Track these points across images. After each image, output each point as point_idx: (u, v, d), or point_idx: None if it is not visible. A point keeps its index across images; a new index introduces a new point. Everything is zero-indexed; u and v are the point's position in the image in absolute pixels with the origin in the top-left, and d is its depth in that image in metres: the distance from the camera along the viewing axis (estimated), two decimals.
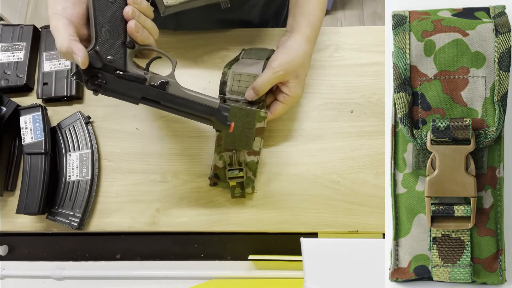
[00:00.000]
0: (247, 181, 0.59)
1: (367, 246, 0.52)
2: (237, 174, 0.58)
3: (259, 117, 0.58)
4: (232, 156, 0.59)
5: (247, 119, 0.57)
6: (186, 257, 0.66)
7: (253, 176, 0.60)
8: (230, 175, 0.58)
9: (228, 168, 0.58)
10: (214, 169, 0.59)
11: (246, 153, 0.60)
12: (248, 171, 0.60)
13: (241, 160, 0.59)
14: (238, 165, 0.58)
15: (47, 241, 0.67)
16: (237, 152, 0.59)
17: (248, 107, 0.57)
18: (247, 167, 0.60)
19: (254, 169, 0.60)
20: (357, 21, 1.83)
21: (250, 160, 0.60)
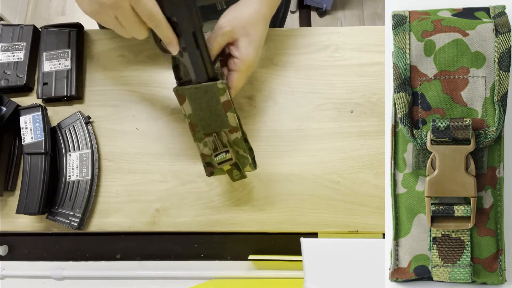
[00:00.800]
0: (242, 160, 0.56)
1: (367, 246, 0.52)
2: (224, 157, 0.54)
3: (219, 90, 0.52)
4: (214, 140, 0.55)
5: (208, 97, 0.52)
6: (186, 257, 0.66)
7: (245, 153, 0.56)
8: (218, 160, 0.54)
9: (214, 154, 0.55)
10: (203, 158, 0.56)
11: (228, 131, 0.55)
12: (239, 150, 0.55)
13: (224, 141, 0.54)
14: (223, 148, 0.54)
15: (47, 241, 0.67)
16: (218, 134, 0.54)
17: (203, 83, 0.52)
18: (235, 146, 0.55)
19: (242, 146, 0.56)
20: (357, 21, 1.83)
21: (234, 138, 0.55)
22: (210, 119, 0.53)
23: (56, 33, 0.66)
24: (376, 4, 1.84)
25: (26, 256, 0.67)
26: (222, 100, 0.52)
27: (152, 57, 0.66)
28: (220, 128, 0.54)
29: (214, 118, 0.53)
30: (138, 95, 0.65)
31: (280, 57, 0.66)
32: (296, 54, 0.66)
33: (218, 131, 0.54)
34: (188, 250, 0.66)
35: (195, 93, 0.52)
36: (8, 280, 0.66)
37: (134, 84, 0.66)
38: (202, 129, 0.54)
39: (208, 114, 0.53)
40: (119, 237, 0.66)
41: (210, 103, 0.52)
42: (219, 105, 0.52)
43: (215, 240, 0.66)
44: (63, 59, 0.65)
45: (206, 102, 0.52)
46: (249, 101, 0.64)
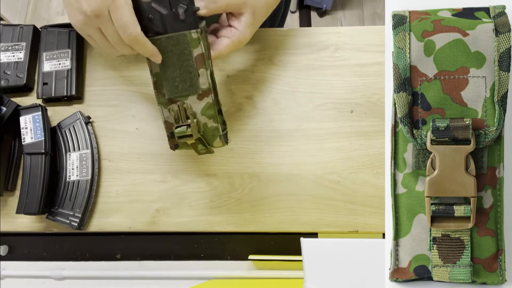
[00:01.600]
0: (211, 132, 0.50)
1: (367, 246, 0.52)
2: (184, 132, 0.48)
3: (193, 40, 0.46)
4: (179, 108, 0.48)
5: (180, 49, 0.46)
6: (186, 257, 0.66)
7: (215, 123, 0.49)
8: (178, 133, 0.48)
9: (175, 125, 0.48)
10: (167, 127, 0.50)
11: (197, 97, 0.48)
12: (208, 121, 0.49)
13: (188, 112, 0.48)
14: (185, 119, 0.48)
15: (47, 241, 0.67)
16: (182, 100, 0.48)
17: (175, 32, 0.46)
18: (205, 116, 0.49)
19: (214, 115, 0.49)
20: (357, 21, 1.83)
21: (204, 104, 0.48)
22: (179, 78, 0.47)
23: (56, 33, 0.66)
24: (376, 4, 1.84)
25: (26, 256, 0.67)
26: (195, 53, 0.47)
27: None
28: (187, 92, 0.48)
29: (183, 78, 0.47)
30: (138, 95, 0.65)
31: (280, 57, 0.66)
32: (296, 54, 0.66)
33: (184, 98, 0.48)
34: (188, 250, 0.66)
35: (166, 45, 0.46)
36: (8, 280, 0.66)
37: (134, 84, 0.66)
38: (168, 92, 0.48)
39: (177, 72, 0.47)
40: (119, 237, 0.66)
41: (181, 57, 0.47)
42: (191, 60, 0.47)
43: (215, 240, 0.66)
44: (63, 59, 0.65)
45: (177, 56, 0.47)
46: (249, 101, 0.64)
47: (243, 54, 0.66)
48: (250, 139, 0.63)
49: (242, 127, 0.63)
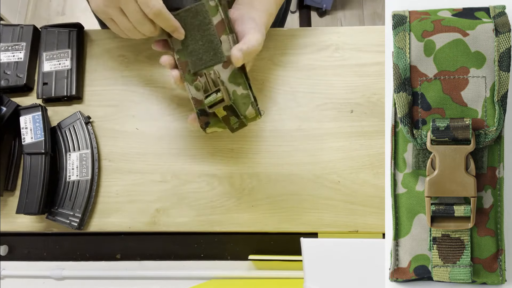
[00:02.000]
0: (242, 100, 0.48)
1: (367, 246, 0.52)
2: (215, 98, 0.46)
3: (211, 8, 0.45)
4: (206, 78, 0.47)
5: (199, 19, 0.45)
6: (186, 257, 0.66)
7: (245, 90, 0.47)
8: (208, 102, 0.46)
9: (204, 95, 0.47)
10: (195, 104, 0.48)
11: (222, 66, 0.47)
12: (237, 87, 0.47)
13: (215, 79, 0.47)
14: (214, 87, 0.46)
15: (47, 241, 0.67)
16: (207, 70, 0.47)
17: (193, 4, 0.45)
18: (232, 83, 0.47)
19: (241, 80, 0.47)
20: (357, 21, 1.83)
21: (231, 72, 0.47)
22: (202, 50, 0.46)
23: (56, 33, 0.66)
24: (376, 4, 1.84)
25: (26, 256, 0.67)
26: (215, 21, 0.46)
27: (152, 57, 0.66)
28: (212, 62, 0.47)
29: (206, 48, 0.46)
30: (138, 95, 0.65)
31: (280, 57, 0.66)
32: (296, 54, 0.66)
33: (209, 69, 0.47)
34: (188, 250, 0.66)
35: (185, 18, 0.46)
36: (8, 280, 0.66)
37: (134, 84, 0.66)
38: (193, 66, 0.47)
39: (199, 43, 0.46)
40: (119, 237, 0.66)
41: (201, 27, 0.46)
42: (212, 28, 0.46)
43: (215, 240, 0.66)
44: (63, 59, 0.65)
45: (197, 27, 0.46)
46: None
47: None
48: (250, 139, 0.63)
49: None
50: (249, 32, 0.48)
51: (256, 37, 0.48)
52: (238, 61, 0.46)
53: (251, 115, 0.49)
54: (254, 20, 0.51)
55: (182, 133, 0.64)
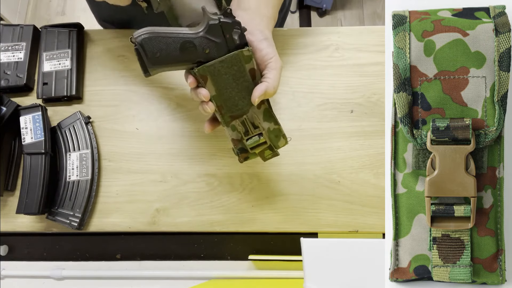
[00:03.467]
0: (275, 134, 0.52)
1: (367, 246, 0.52)
2: (258, 141, 0.50)
3: (245, 58, 0.48)
4: (244, 121, 0.50)
5: (234, 68, 0.48)
6: (186, 257, 0.66)
7: (276, 125, 0.51)
8: (251, 144, 0.50)
9: (246, 138, 0.50)
10: (235, 144, 0.52)
11: (256, 107, 0.50)
12: (270, 124, 0.51)
13: (256, 122, 0.50)
14: (254, 130, 0.50)
15: (47, 241, 0.67)
16: (247, 115, 0.50)
17: (228, 54, 0.47)
18: (267, 121, 0.51)
19: (273, 118, 0.51)
20: (357, 21, 1.83)
21: (263, 111, 0.51)
22: (238, 97, 0.49)
23: (56, 33, 0.66)
24: (376, 4, 1.84)
25: (26, 256, 0.67)
26: (248, 68, 0.48)
27: None
28: (248, 107, 0.49)
29: (242, 95, 0.49)
30: (138, 95, 0.65)
31: (280, 57, 0.66)
32: (296, 54, 0.66)
33: (246, 112, 0.50)
34: (188, 250, 0.66)
35: (219, 68, 0.47)
36: (8, 280, 0.66)
37: (134, 84, 0.66)
38: (229, 110, 0.49)
39: (234, 91, 0.49)
40: (119, 237, 0.66)
41: (237, 75, 0.48)
42: (246, 75, 0.48)
43: (215, 240, 0.66)
44: (63, 59, 0.65)
45: (233, 76, 0.48)
46: None
47: None
48: None
49: None
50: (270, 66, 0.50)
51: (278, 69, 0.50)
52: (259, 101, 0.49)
53: (282, 144, 0.53)
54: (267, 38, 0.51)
55: (182, 133, 0.64)
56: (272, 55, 0.50)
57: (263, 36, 0.51)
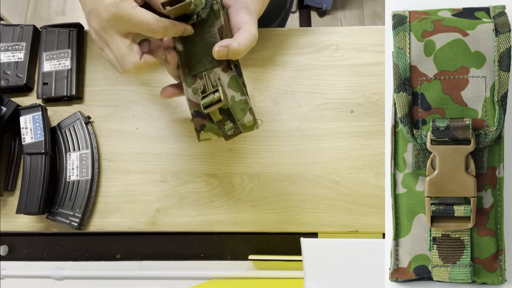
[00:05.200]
0: (240, 106, 0.47)
1: (367, 246, 0.52)
2: (212, 99, 0.45)
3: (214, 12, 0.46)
4: (205, 79, 0.46)
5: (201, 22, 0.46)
6: (186, 257, 0.66)
7: (242, 96, 0.46)
8: (204, 103, 0.45)
9: (201, 96, 0.46)
10: (191, 105, 0.47)
11: (221, 69, 0.46)
12: (234, 93, 0.47)
13: (214, 80, 0.46)
14: (212, 88, 0.46)
15: (47, 241, 0.67)
16: (207, 72, 0.46)
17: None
18: (230, 88, 0.46)
19: (240, 87, 0.47)
20: (357, 21, 1.83)
21: (230, 77, 0.47)
22: (201, 52, 0.46)
23: (56, 33, 0.66)
24: (376, 4, 1.84)
25: (26, 256, 0.67)
26: (217, 25, 0.46)
27: None
28: (212, 65, 0.46)
29: (206, 50, 0.46)
30: (138, 95, 0.65)
31: (280, 57, 0.66)
32: (296, 54, 0.66)
33: (208, 70, 0.47)
34: (188, 250, 0.66)
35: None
36: (8, 280, 0.66)
37: (134, 84, 0.66)
38: (192, 69, 0.47)
39: (199, 46, 0.46)
40: (119, 237, 0.66)
41: (202, 30, 0.46)
42: (214, 31, 0.46)
43: (215, 240, 0.66)
44: (63, 59, 0.65)
45: (199, 29, 0.46)
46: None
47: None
48: (250, 139, 0.63)
49: None
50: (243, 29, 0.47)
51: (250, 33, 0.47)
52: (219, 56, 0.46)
53: (249, 122, 0.48)
54: (248, 8, 0.50)
55: (182, 133, 0.64)
56: (247, 21, 0.48)
57: (244, 5, 0.49)
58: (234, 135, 0.49)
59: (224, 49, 0.45)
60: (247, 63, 0.66)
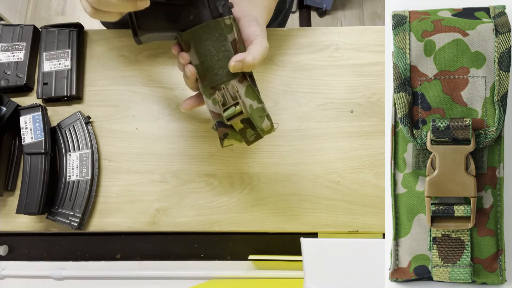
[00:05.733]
0: (258, 114, 0.50)
1: (367, 246, 0.52)
2: (234, 111, 0.48)
3: (226, 26, 0.48)
4: (224, 92, 0.49)
5: (215, 35, 0.48)
6: (186, 257, 0.66)
7: (259, 104, 0.49)
8: (227, 115, 0.48)
9: (223, 108, 0.49)
10: (214, 117, 0.51)
11: (237, 81, 0.49)
12: (252, 102, 0.49)
13: (233, 93, 0.49)
14: (232, 100, 0.49)
15: (47, 241, 0.67)
16: (225, 85, 0.49)
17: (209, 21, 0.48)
18: (248, 97, 0.49)
19: (256, 96, 0.49)
20: (357, 21, 1.83)
21: (246, 86, 0.49)
22: (217, 66, 0.49)
23: (56, 33, 0.66)
24: (376, 4, 1.84)
25: (26, 256, 0.67)
26: (230, 38, 0.49)
27: (152, 57, 0.66)
28: (228, 78, 0.49)
29: (222, 64, 0.49)
30: (138, 95, 0.65)
31: (280, 57, 0.66)
32: (296, 54, 0.66)
33: (226, 82, 0.49)
34: (188, 250, 0.66)
35: (201, 34, 0.48)
36: (8, 280, 0.66)
37: (134, 84, 0.66)
38: (210, 81, 0.49)
39: (215, 59, 0.49)
40: (119, 237, 0.66)
41: (217, 43, 0.48)
42: (227, 44, 0.48)
43: (215, 240, 0.66)
44: (63, 59, 0.65)
45: (213, 43, 0.48)
46: None
47: None
48: None
49: None
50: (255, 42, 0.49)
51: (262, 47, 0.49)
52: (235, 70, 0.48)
53: (267, 127, 0.50)
54: (258, 21, 0.51)
55: (182, 133, 0.64)
56: (259, 34, 0.50)
57: (253, 18, 0.51)
58: (255, 140, 0.52)
59: (239, 64, 0.47)
60: None
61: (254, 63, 0.48)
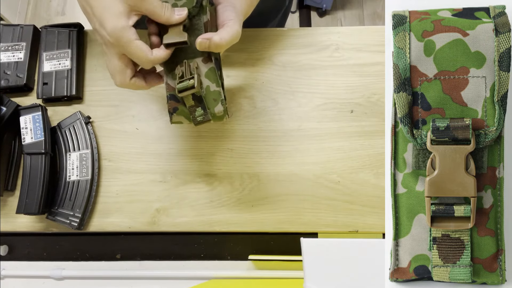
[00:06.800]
0: (213, 96, 0.49)
1: (367, 246, 0.52)
2: (187, 85, 0.48)
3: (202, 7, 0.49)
4: (185, 66, 0.49)
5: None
6: (186, 257, 0.66)
7: (217, 87, 0.49)
8: (180, 87, 0.48)
9: (178, 80, 0.49)
10: (168, 89, 0.50)
11: (201, 60, 0.49)
12: (209, 83, 0.49)
13: (192, 69, 0.49)
14: (190, 75, 0.48)
15: (47, 241, 0.67)
16: (188, 61, 0.49)
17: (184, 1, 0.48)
18: (207, 78, 0.49)
19: (216, 79, 0.49)
20: (357, 21, 1.83)
21: (209, 68, 0.49)
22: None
23: (56, 33, 0.66)
24: (376, 4, 1.84)
25: (26, 256, 0.67)
26: (204, 19, 0.49)
27: None
28: (193, 55, 0.49)
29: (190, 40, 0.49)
30: (138, 95, 0.65)
31: (280, 57, 0.66)
32: (296, 54, 0.66)
33: (190, 59, 0.49)
34: (188, 250, 0.66)
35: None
36: (8, 280, 0.66)
37: None
38: (175, 56, 0.49)
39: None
40: (119, 237, 0.66)
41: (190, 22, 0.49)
42: (200, 24, 0.49)
43: (215, 240, 0.66)
44: (63, 59, 0.65)
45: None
46: (249, 101, 0.64)
47: (243, 54, 0.66)
48: (250, 139, 0.63)
49: (242, 127, 0.63)
50: (227, 25, 0.50)
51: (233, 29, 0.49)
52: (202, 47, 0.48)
53: (219, 113, 0.50)
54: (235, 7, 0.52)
55: (181, 133, 0.64)
56: (232, 18, 0.50)
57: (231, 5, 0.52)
58: (203, 121, 0.51)
59: (206, 41, 0.48)
60: (247, 63, 0.66)
61: (221, 43, 0.48)
